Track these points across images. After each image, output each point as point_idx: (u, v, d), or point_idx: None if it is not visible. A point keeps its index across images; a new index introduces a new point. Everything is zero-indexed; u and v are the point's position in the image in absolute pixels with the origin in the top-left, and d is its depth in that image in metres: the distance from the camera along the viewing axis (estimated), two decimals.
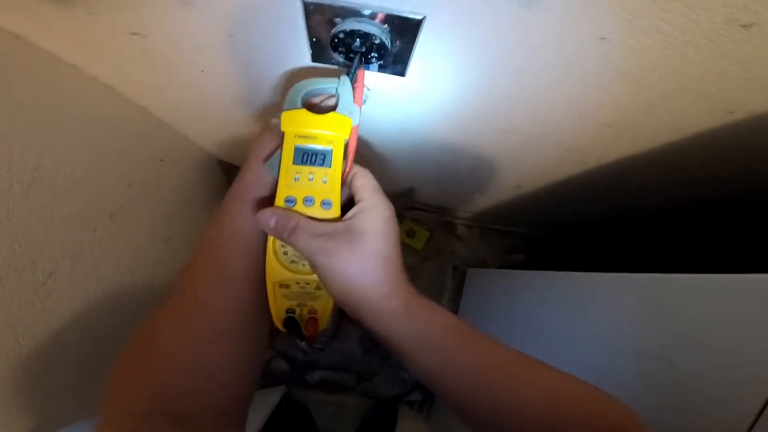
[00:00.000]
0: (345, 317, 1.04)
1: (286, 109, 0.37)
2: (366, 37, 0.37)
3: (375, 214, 0.34)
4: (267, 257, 0.36)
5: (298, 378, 1.03)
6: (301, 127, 0.36)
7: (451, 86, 0.45)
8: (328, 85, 0.39)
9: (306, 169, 0.36)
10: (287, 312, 0.37)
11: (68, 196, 0.54)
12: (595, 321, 0.58)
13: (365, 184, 0.36)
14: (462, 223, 1.04)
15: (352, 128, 0.37)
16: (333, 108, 0.38)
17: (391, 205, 0.36)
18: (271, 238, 0.36)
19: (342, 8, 0.34)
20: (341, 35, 0.37)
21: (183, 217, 0.79)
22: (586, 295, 0.60)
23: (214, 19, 0.38)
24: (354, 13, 0.35)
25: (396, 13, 0.34)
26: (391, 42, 0.38)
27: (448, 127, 0.56)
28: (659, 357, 0.46)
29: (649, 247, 0.70)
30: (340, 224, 0.34)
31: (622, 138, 0.49)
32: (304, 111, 0.37)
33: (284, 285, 0.37)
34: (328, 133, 0.37)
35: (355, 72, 0.41)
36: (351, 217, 0.34)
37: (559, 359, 0.58)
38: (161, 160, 0.69)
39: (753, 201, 0.49)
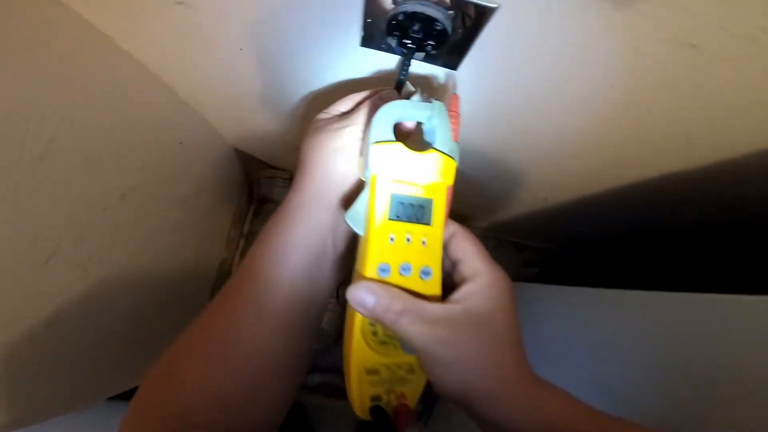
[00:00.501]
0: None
1: (378, 140, 0.30)
2: (428, 21, 0.34)
3: (497, 293, 0.29)
4: (352, 339, 0.30)
5: None
6: (398, 169, 0.30)
7: (501, 86, 0.43)
8: (419, 110, 0.33)
9: (403, 227, 0.30)
10: (373, 400, 0.31)
11: (81, 173, 0.51)
12: (608, 336, 0.56)
13: (473, 249, 0.31)
14: (478, 233, 1.01)
15: (455, 172, 0.31)
16: (422, 139, 0.33)
17: (505, 273, 0.31)
18: (359, 317, 0.30)
19: None
20: (401, 17, 0.35)
21: (194, 205, 0.76)
22: (601, 311, 0.58)
23: None
24: None
25: None
26: (453, 30, 0.35)
27: (482, 131, 0.53)
28: (676, 372, 0.44)
29: (668, 264, 0.68)
30: (457, 307, 0.28)
31: (673, 152, 0.47)
32: (402, 146, 0.30)
33: (372, 371, 0.31)
34: (430, 178, 0.30)
35: (406, 70, 0.38)
36: (468, 297, 0.29)
37: (572, 373, 0.56)
38: (180, 144, 0.65)
39: None
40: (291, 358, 0.33)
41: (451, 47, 0.38)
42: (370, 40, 0.40)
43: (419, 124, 0.34)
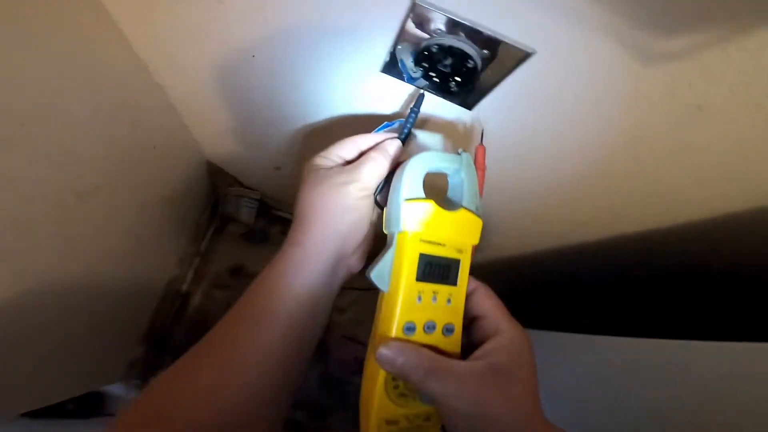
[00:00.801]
0: None
1: (410, 197, 0.30)
2: (461, 58, 0.35)
3: (519, 349, 0.30)
4: (375, 392, 0.30)
5: None
6: (429, 228, 0.30)
7: (506, 132, 0.44)
8: (449, 163, 0.33)
9: (430, 288, 0.30)
10: None
11: (43, 165, 0.45)
12: (570, 378, 0.57)
13: (495, 307, 0.32)
14: None
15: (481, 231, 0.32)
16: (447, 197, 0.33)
17: (524, 330, 0.32)
18: (382, 373, 0.30)
19: (451, 20, 0.33)
20: (434, 49, 0.35)
21: (155, 214, 0.70)
22: (562, 354, 0.60)
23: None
24: (461, 29, 0.33)
25: (506, 40, 0.33)
26: (482, 69, 0.36)
27: None
28: (680, 422, 0.45)
29: (631, 310, 0.71)
30: (481, 363, 0.29)
31: (648, 210, 0.50)
32: (433, 204, 0.30)
33: (392, 422, 0.30)
34: (458, 238, 0.31)
35: (412, 120, 0.38)
36: (492, 353, 0.30)
37: None
38: (154, 147, 0.60)
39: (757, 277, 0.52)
40: (277, 397, 0.33)
41: (473, 87, 0.39)
42: (392, 67, 0.40)
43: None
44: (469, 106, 0.42)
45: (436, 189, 0.34)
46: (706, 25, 0.27)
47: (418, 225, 0.30)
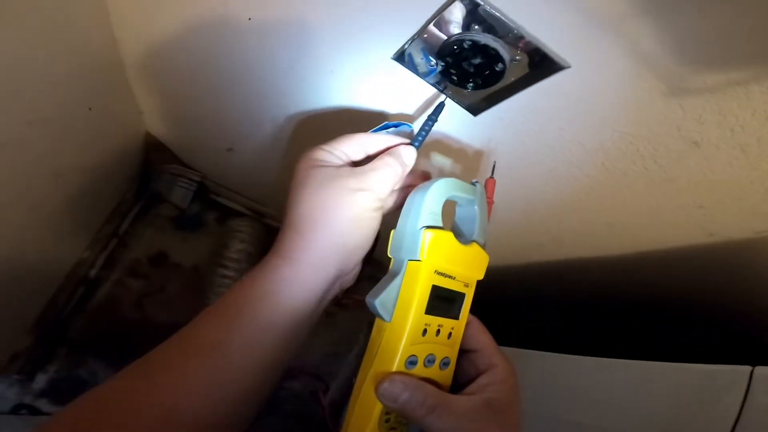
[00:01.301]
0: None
1: (428, 225, 0.29)
2: (492, 59, 0.34)
3: (511, 384, 0.30)
4: (368, 426, 0.28)
5: None
6: (444, 260, 0.29)
7: (507, 144, 0.45)
8: (465, 194, 0.32)
9: (436, 321, 0.29)
10: None
11: None
12: (546, 398, 0.59)
13: (489, 341, 0.32)
14: None
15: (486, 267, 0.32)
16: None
17: (512, 364, 0.32)
18: (379, 407, 0.28)
19: (492, 16, 0.31)
20: (466, 44, 0.34)
21: (71, 185, 0.58)
22: (539, 374, 0.62)
23: None
24: (500, 28, 0.32)
25: (545, 50, 0.32)
26: (507, 76, 0.36)
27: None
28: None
29: (594, 333, 0.76)
30: (478, 398, 0.29)
31: (609, 239, 0.54)
32: (452, 236, 0.29)
33: None
34: (467, 272, 0.30)
35: (427, 131, 0.37)
36: (487, 388, 0.29)
37: None
38: (90, 109, 0.50)
39: (712, 305, 0.59)
40: (236, 425, 0.29)
41: (490, 93, 0.38)
42: (406, 55, 0.38)
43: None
44: (475, 112, 0.41)
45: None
46: (739, 64, 0.29)
47: (434, 255, 0.28)
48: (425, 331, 0.28)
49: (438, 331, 0.29)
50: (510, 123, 0.41)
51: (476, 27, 0.33)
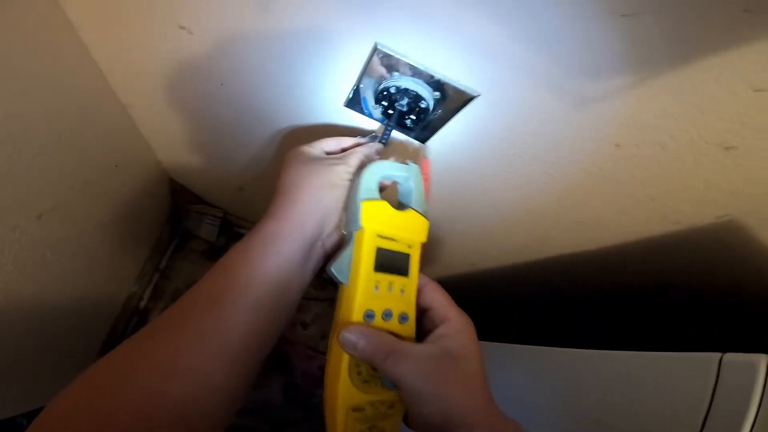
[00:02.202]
0: (271, 364, 0.95)
1: (366, 198, 0.34)
2: (415, 98, 0.39)
3: (467, 335, 0.33)
4: (339, 380, 0.31)
5: None
6: (383, 225, 0.33)
7: (459, 159, 0.49)
8: (399, 172, 0.37)
9: (386, 278, 0.33)
10: None
11: (3, 184, 0.45)
12: (534, 389, 0.61)
13: (443, 298, 0.35)
14: None
15: (427, 230, 0.36)
16: (396, 197, 0.37)
17: (470, 319, 0.34)
18: (346, 358, 0.31)
19: (406, 64, 0.37)
20: (392, 89, 0.39)
21: (114, 233, 0.70)
22: (526, 366, 0.64)
23: (276, 37, 0.38)
24: (415, 72, 0.37)
25: (455, 84, 0.37)
26: (434, 109, 0.41)
27: (436, 198, 0.59)
28: (599, 423, 0.50)
29: (585, 324, 0.77)
30: (435, 346, 0.32)
31: (583, 235, 0.57)
32: (385, 204, 0.34)
33: (358, 409, 0.32)
34: (408, 235, 0.34)
35: (388, 133, 0.43)
36: (443, 338, 0.32)
37: None
38: (116, 166, 0.61)
39: (683, 291, 0.59)
40: (235, 387, 0.31)
41: (427, 124, 0.43)
42: (354, 102, 0.44)
43: (395, 182, 0.39)
44: (423, 140, 0.46)
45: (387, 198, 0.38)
46: (626, 72, 0.32)
47: (374, 222, 0.33)
48: (377, 287, 0.32)
49: (390, 288, 0.33)
50: (456, 143, 0.46)
51: (396, 74, 0.38)
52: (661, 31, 0.28)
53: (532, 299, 0.78)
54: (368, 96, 0.42)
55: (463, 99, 0.38)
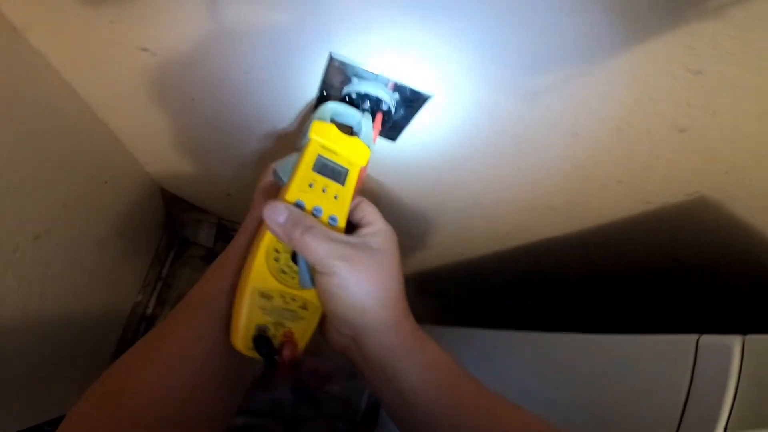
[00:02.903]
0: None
1: (318, 119, 0.38)
2: (377, 101, 0.41)
3: (390, 237, 0.34)
4: (254, 259, 0.31)
5: None
6: (328, 139, 0.37)
7: (432, 157, 0.50)
8: (353, 114, 0.41)
9: (322, 180, 0.35)
10: (258, 329, 0.31)
11: None
12: (517, 373, 0.62)
13: (374, 210, 0.37)
14: None
15: (368, 158, 0.38)
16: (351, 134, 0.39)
17: (393, 229, 0.36)
18: (265, 238, 0.32)
19: (362, 70, 0.38)
20: (354, 95, 0.41)
21: (112, 248, 0.72)
22: (509, 351, 0.66)
23: (237, 53, 0.39)
24: (372, 77, 0.39)
25: (409, 86, 0.39)
26: (396, 110, 0.42)
27: (417, 192, 0.61)
28: (579, 406, 0.51)
29: (569, 308, 0.79)
30: (356, 238, 0.33)
31: (558, 219, 0.58)
32: (334, 126, 0.37)
33: (266, 295, 0.31)
34: (350, 154, 0.37)
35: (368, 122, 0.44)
36: (365, 235, 0.34)
37: None
38: (105, 182, 0.63)
39: (660, 271, 0.60)
40: (229, 380, 0.34)
41: (393, 124, 0.45)
42: None
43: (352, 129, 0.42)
44: (392, 138, 0.48)
45: None
46: (565, 62, 0.33)
47: (321, 138, 0.36)
48: (312, 184, 0.34)
49: (324, 189, 0.35)
50: (426, 140, 0.48)
51: (355, 79, 0.40)
52: (595, 20, 0.29)
53: (517, 286, 0.80)
54: (334, 101, 0.43)
55: (420, 99, 0.40)
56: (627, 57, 0.31)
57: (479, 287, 0.89)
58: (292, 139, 0.54)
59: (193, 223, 0.88)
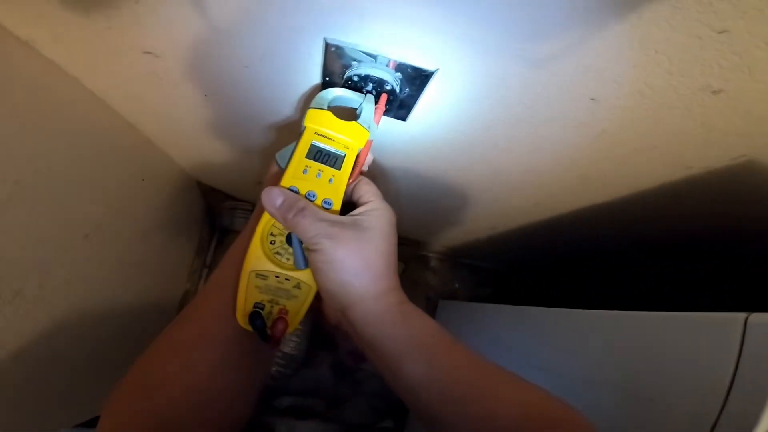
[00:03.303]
0: (317, 344, 1.02)
1: (314, 107, 0.38)
2: (379, 82, 0.39)
3: (381, 215, 0.35)
4: (252, 243, 0.35)
5: (266, 404, 1.00)
6: (322, 126, 0.37)
7: (448, 132, 0.49)
8: (353, 98, 0.40)
9: (316, 166, 0.36)
10: (255, 306, 0.35)
11: (45, 214, 0.52)
12: (555, 352, 0.61)
13: (371, 189, 0.38)
14: (435, 257, 1.08)
15: (367, 141, 0.38)
16: (354, 119, 0.39)
17: (393, 212, 0.37)
18: (262, 223, 0.35)
19: (361, 53, 0.37)
20: (355, 78, 0.40)
21: (157, 239, 0.77)
22: (547, 329, 0.64)
23: (235, 48, 0.40)
24: (371, 59, 0.38)
25: (410, 63, 0.37)
26: (401, 89, 0.41)
27: (437, 169, 0.59)
28: (618, 386, 0.49)
29: (605, 284, 0.75)
30: (348, 218, 0.34)
31: (591, 188, 0.54)
32: (329, 113, 0.38)
33: (261, 275, 0.35)
34: (346, 139, 0.37)
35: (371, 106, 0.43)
36: (357, 214, 0.35)
37: None
38: (143, 180, 0.67)
39: (704, 244, 0.56)
40: (251, 360, 0.36)
41: (400, 103, 0.43)
42: None
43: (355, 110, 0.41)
44: (402, 118, 0.46)
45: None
46: (568, 28, 0.30)
47: (315, 124, 0.37)
48: (306, 170, 0.36)
49: (318, 174, 0.36)
50: (438, 116, 0.46)
51: (355, 63, 0.39)
52: None
53: (552, 260, 0.77)
54: (338, 85, 0.42)
55: (424, 76, 0.38)
56: (635, 19, 0.28)
57: (515, 262, 0.87)
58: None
59: (229, 212, 0.91)
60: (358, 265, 0.32)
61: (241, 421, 0.37)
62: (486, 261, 1.03)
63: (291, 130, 0.55)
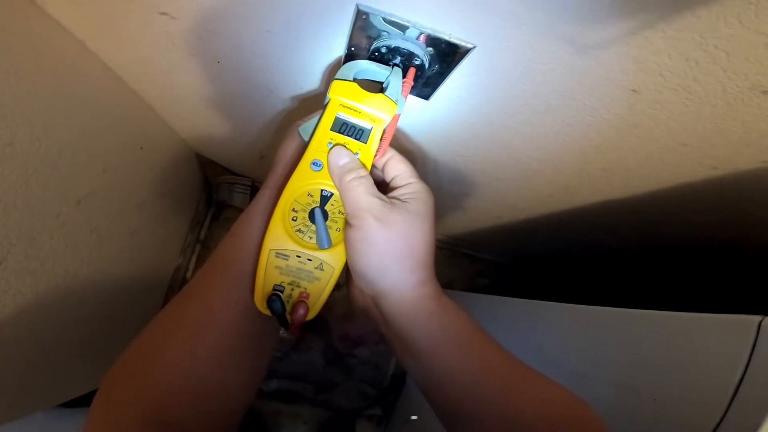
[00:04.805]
0: (309, 327, 1.01)
1: (338, 79, 0.36)
2: (408, 56, 0.37)
3: (427, 200, 0.34)
4: (272, 220, 0.33)
5: None
6: (348, 97, 0.36)
7: (471, 116, 0.46)
8: (380, 71, 0.38)
9: (341, 139, 0.35)
10: (275, 289, 0.32)
11: (37, 177, 0.49)
12: (552, 347, 0.61)
13: (408, 169, 0.36)
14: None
15: (395, 114, 0.36)
16: (381, 91, 0.38)
17: (429, 188, 0.35)
18: (284, 198, 0.33)
19: (393, 22, 0.34)
20: (383, 49, 0.37)
21: (152, 210, 0.74)
22: (544, 323, 0.64)
23: (260, 12, 0.37)
24: (402, 30, 0.35)
25: (446, 38, 0.35)
26: (430, 65, 0.38)
27: (451, 153, 0.57)
28: (619, 384, 0.49)
29: (606, 282, 0.75)
30: (395, 198, 0.33)
31: (611, 183, 0.53)
32: (355, 84, 0.36)
33: (282, 254, 0.32)
34: (373, 111, 0.36)
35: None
36: (401, 195, 0.33)
37: None
38: (141, 148, 0.63)
39: (719, 246, 0.55)
40: (256, 345, 0.35)
41: (426, 80, 0.41)
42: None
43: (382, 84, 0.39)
44: (425, 97, 0.44)
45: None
46: (626, 15, 0.28)
47: (341, 94, 0.35)
48: (330, 142, 0.34)
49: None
50: (462, 97, 0.44)
51: (385, 33, 0.36)
52: None
53: (561, 254, 0.76)
54: (362, 58, 0.40)
55: (458, 52, 0.36)
56: (703, 11, 0.26)
57: (519, 254, 0.86)
58: (321, 100, 0.51)
59: (228, 186, 0.88)
60: (403, 250, 0.31)
61: (243, 408, 0.36)
62: (486, 252, 1.02)
63: (306, 103, 0.52)
